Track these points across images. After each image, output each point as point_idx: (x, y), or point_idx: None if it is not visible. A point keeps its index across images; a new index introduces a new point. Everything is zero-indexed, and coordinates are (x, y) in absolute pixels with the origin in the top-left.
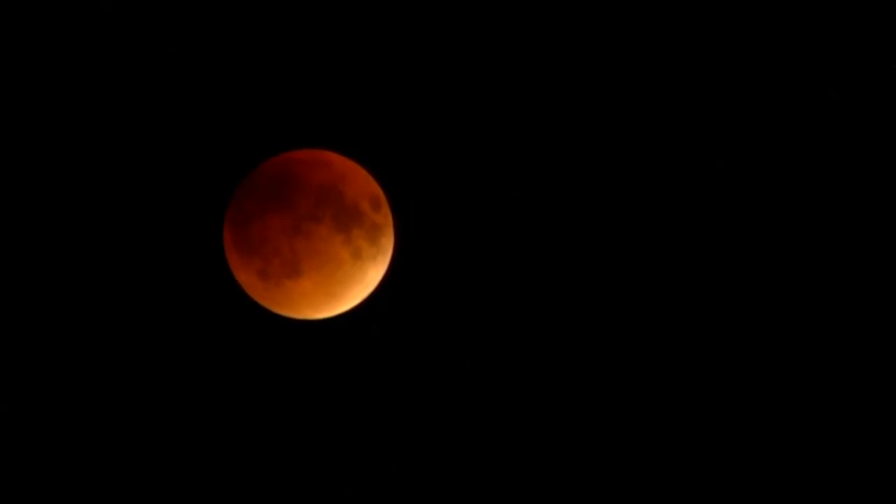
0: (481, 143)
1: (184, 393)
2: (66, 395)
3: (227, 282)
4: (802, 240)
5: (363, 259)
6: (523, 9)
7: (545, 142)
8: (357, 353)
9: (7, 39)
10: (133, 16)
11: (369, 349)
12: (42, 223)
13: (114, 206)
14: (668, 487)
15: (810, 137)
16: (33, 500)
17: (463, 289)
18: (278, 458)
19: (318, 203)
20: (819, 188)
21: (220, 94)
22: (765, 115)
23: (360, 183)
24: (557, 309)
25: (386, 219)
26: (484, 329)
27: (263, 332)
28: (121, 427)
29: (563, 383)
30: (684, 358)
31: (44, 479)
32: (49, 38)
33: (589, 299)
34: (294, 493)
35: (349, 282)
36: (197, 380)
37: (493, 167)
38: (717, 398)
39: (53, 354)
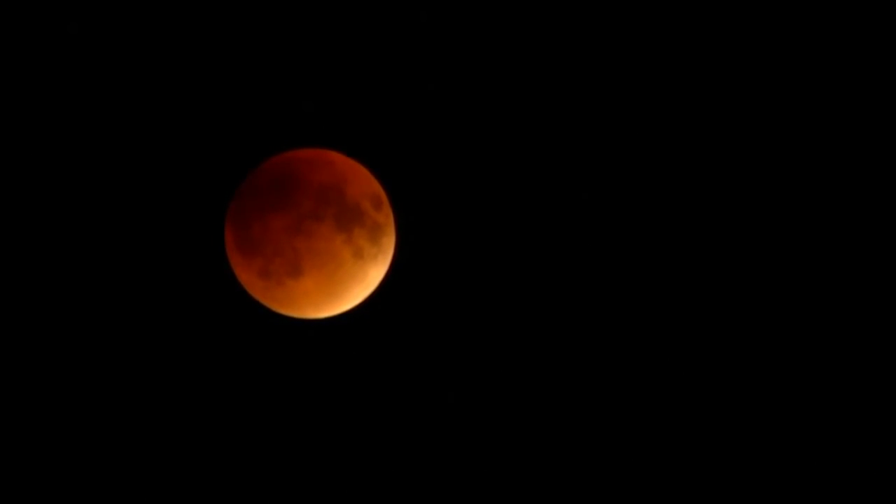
0: (483, 142)
1: (185, 393)
2: (66, 395)
3: (228, 281)
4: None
5: (364, 259)
6: (524, 9)
7: (547, 142)
8: (358, 353)
9: (7, 39)
10: (133, 15)
11: (370, 349)
12: (43, 223)
13: (115, 205)
14: (668, 488)
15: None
16: (33, 501)
17: (464, 288)
18: (279, 458)
19: (319, 202)
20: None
21: (221, 94)
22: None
23: (362, 182)
24: (559, 309)
25: (387, 218)
26: (485, 329)
27: (264, 332)
28: (121, 426)
29: (564, 383)
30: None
31: (44, 480)
32: (49, 38)
33: (591, 299)
34: (294, 493)
35: (350, 281)
36: (198, 379)
37: (495, 167)
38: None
39: (54, 354)
